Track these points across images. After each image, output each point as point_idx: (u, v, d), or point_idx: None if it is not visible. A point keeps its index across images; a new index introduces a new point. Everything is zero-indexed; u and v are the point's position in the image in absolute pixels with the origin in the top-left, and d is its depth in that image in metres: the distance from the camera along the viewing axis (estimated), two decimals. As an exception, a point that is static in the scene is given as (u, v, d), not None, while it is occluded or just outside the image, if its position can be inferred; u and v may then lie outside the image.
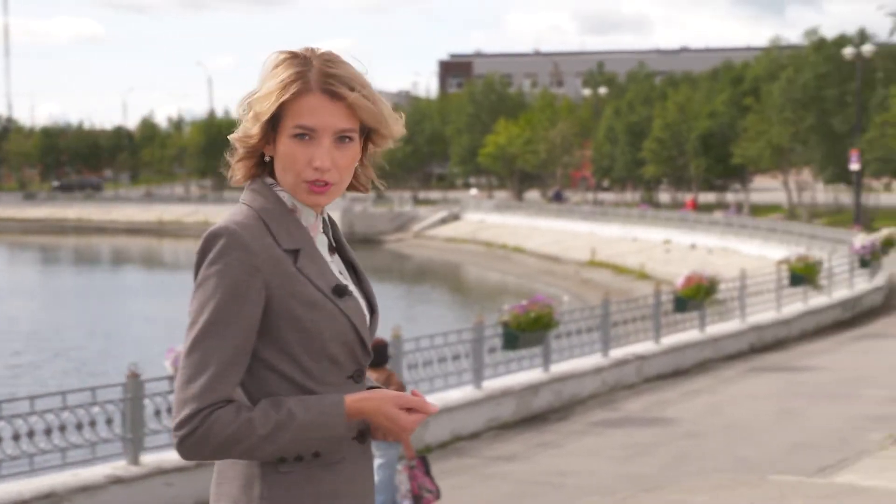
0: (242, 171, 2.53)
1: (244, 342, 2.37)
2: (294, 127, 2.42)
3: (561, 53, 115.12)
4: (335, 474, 2.45)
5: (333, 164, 2.44)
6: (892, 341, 19.15)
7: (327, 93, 2.42)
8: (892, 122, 42.34)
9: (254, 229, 2.42)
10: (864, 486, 8.56)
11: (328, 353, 2.44)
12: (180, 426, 2.33)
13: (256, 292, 2.38)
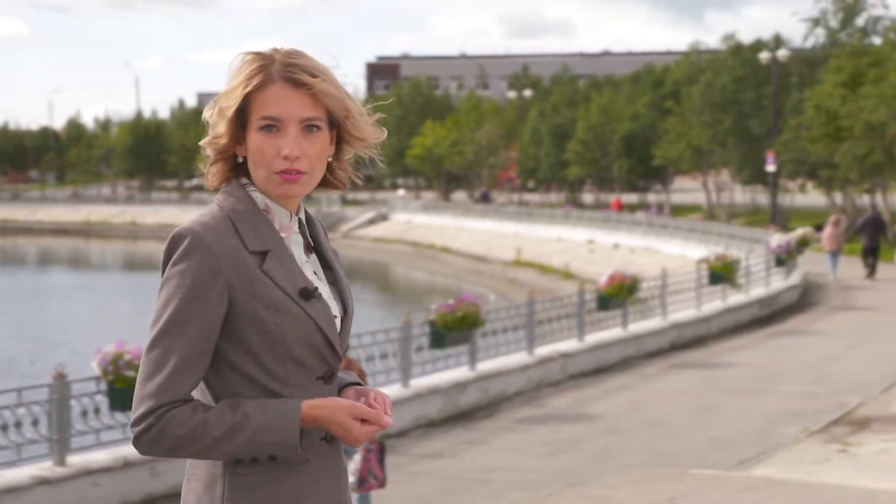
0: (217, 176, 2.51)
1: (204, 343, 2.36)
2: (260, 119, 2.42)
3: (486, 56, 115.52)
4: (299, 475, 2.43)
5: (302, 152, 2.43)
6: (807, 338, 19.45)
7: (289, 81, 2.42)
8: (807, 125, 43.01)
9: (220, 230, 2.40)
10: (780, 479, 8.69)
11: (293, 356, 2.42)
12: (137, 423, 2.33)
13: (218, 294, 2.37)
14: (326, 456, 2.47)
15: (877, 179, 41.45)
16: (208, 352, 2.37)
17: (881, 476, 8.84)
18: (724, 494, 7.99)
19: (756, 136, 51.81)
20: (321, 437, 2.46)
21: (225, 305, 2.38)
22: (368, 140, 2.57)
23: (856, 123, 37.87)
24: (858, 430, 11.37)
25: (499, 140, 72.36)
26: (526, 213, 54.39)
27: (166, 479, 9.66)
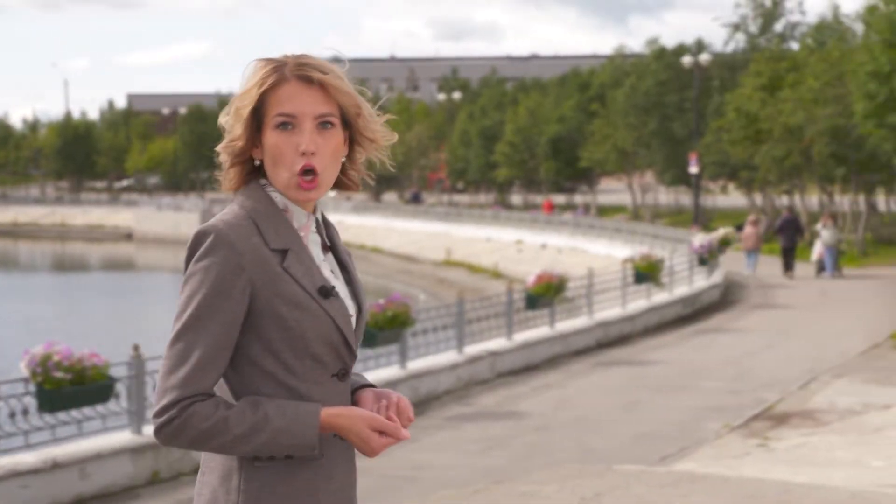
0: (235, 179, 2.54)
1: (225, 338, 2.39)
2: (275, 116, 2.46)
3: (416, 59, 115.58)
4: (312, 471, 2.45)
5: (318, 148, 2.46)
6: (729, 335, 19.71)
7: (302, 79, 2.47)
8: (727, 128, 43.57)
9: (242, 229, 2.43)
10: (702, 474, 8.80)
11: (311, 352, 2.44)
12: (159, 414, 2.36)
13: (240, 290, 2.40)
14: (340, 451, 2.51)
15: (795, 181, 42.12)
16: (230, 347, 2.41)
17: (798, 469, 8.99)
18: (647, 489, 8.08)
19: (679, 139, 52.40)
20: (334, 434, 2.48)
21: (247, 302, 2.41)
22: (379, 141, 2.61)
23: (774, 126, 38.44)
24: (777, 424, 11.55)
25: (428, 142, 72.49)
26: (456, 213, 54.52)
27: (95, 480, 9.55)
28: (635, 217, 56.06)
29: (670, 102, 53.30)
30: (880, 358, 16.40)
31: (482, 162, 67.91)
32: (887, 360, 16.19)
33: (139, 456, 9.94)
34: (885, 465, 9.03)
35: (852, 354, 16.66)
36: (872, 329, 19.43)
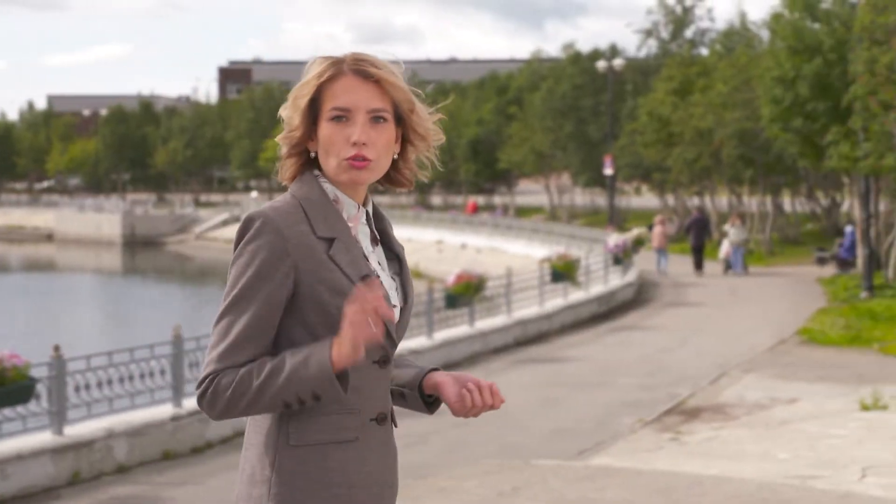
0: (291, 169, 2.60)
1: (267, 318, 2.43)
2: (331, 110, 2.50)
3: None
4: (345, 452, 2.48)
5: (369, 140, 2.50)
6: (643, 333, 19.93)
7: (359, 73, 2.51)
8: (641, 131, 44.07)
9: (290, 216, 2.48)
10: (618, 468, 8.89)
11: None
12: (198, 387, 2.44)
13: (283, 274, 2.44)
14: (375, 436, 2.53)
15: (705, 182, 42.73)
16: (271, 327, 2.44)
17: (709, 462, 9.12)
18: (564, 483, 8.14)
19: (594, 141, 52.87)
20: (371, 418, 2.51)
21: (290, 286, 2.44)
22: (430, 139, 2.62)
23: (685, 130, 38.96)
24: (689, 419, 11.70)
25: (350, 144, 72.16)
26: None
27: (15, 481, 9.37)
28: (552, 218, 56.46)
29: (585, 106, 53.75)
30: (787, 354, 16.71)
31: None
32: (793, 355, 16.49)
33: (60, 456, 9.78)
34: (790, 458, 9.20)
35: (760, 350, 16.94)
36: (779, 326, 19.79)
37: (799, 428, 10.65)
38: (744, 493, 7.70)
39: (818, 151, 28.59)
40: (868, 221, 25.09)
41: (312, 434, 2.46)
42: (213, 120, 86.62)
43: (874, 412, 11.21)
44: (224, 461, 10.75)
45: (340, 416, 2.47)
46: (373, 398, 2.53)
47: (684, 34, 54.44)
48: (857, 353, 16.57)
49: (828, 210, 41.07)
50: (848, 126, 25.83)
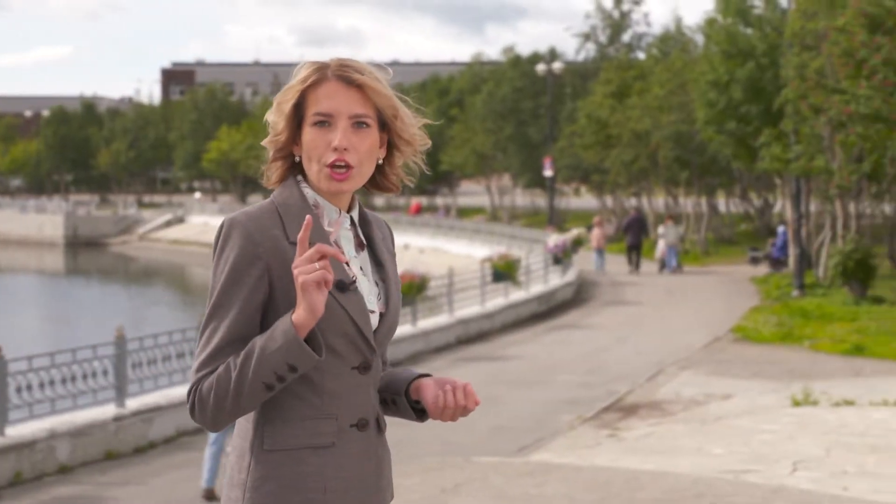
0: (276, 174, 2.57)
1: (244, 324, 2.41)
2: (313, 115, 2.47)
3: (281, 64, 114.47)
4: (321, 457, 2.44)
5: (351, 145, 2.46)
6: (582, 331, 20.05)
7: (342, 79, 2.48)
8: (580, 133, 44.32)
9: (264, 220, 2.46)
10: (557, 464, 8.94)
11: (326, 343, 2.42)
12: (187, 398, 2.44)
13: (256, 278, 2.42)
14: (356, 442, 2.49)
15: (642, 183, 43.07)
16: (250, 331, 2.41)
17: (646, 458, 9.20)
18: (505, 479, 8.17)
19: (534, 143, 53.08)
20: (351, 424, 2.48)
21: (265, 289, 2.43)
22: (416, 144, 2.60)
23: (623, 132, 39.24)
24: (627, 415, 11.80)
25: (293, 145, 71.86)
26: (319, 215, 54.22)
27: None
28: (493, 218, 56.60)
29: (526, 108, 53.94)
30: (721, 351, 16.89)
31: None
32: (727, 353, 16.68)
33: (1, 457, 9.64)
34: (724, 453, 9.30)
35: (696, 348, 17.12)
36: (714, 324, 20.00)
37: (733, 423, 10.77)
38: (679, 488, 7.77)
39: (751, 153, 28.94)
40: (799, 222, 25.44)
41: (287, 439, 2.43)
42: (156, 121, 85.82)
43: (805, 408, 11.37)
44: (167, 461, 10.67)
45: (316, 421, 2.44)
46: (352, 404, 2.49)
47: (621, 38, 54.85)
48: (789, 351, 16.80)
49: (761, 210, 41.56)
50: (780, 129, 26.18)
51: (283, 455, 2.43)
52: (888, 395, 11.75)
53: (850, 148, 21.97)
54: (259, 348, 2.35)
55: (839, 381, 13.63)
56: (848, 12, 19.46)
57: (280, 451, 2.43)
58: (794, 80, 23.60)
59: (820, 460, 8.75)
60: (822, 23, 22.85)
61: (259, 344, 2.36)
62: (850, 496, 7.46)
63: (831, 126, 21.89)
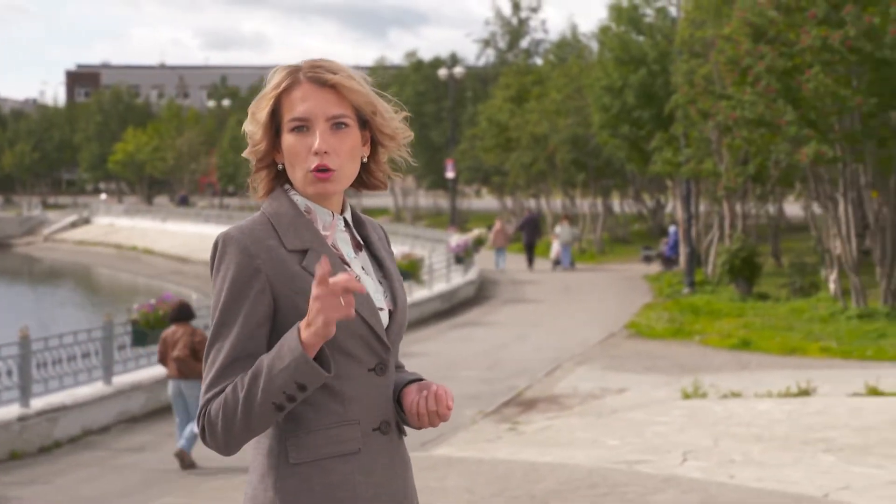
0: (263, 184, 2.46)
1: (250, 339, 2.30)
2: (290, 121, 2.37)
3: (186, 67, 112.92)
4: (349, 465, 2.32)
5: (331, 148, 2.36)
6: (484, 329, 20.15)
7: (315, 81, 2.38)
8: (480, 136, 44.54)
9: (258, 233, 2.36)
10: (459, 457, 8.97)
11: (340, 347, 2.31)
12: (197, 422, 2.32)
13: (258, 291, 2.32)
14: (380, 445, 2.37)
15: (541, 185, 43.43)
16: (256, 346, 2.31)
17: (544, 450, 9.28)
18: (408, 473, 8.16)
19: (437, 146, 53.19)
20: (374, 428, 2.36)
21: (268, 301, 2.32)
22: (398, 138, 2.48)
23: (522, 135, 39.53)
24: (526, 410, 11.88)
25: (199, 147, 71.07)
26: (227, 215, 53.68)
27: None
28: (397, 219, 56.58)
29: (428, 112, 54.03)
30: (615, 347, 17.12)
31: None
32: (621, 348, 16.90)
33: None
34: (619, 444, 9.42)
35: (592, 344, 17.31)
36: (609, 320, 20.26)
37: (627, 416, 10.92)
38: (576, 478, 7.86)
39: (644, 156, 29.38)
40: (689, 222, 25.90)
41: (312, 450, 2.31)
42: (61, 123, 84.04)
43: (695, 400, 11.57)
44: (72, 460, 10.46)
45: (340, 428, 2.33)
46: (373, 407, 2.37)
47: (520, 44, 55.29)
48: (680, 345, 17.10)
49: (653, 211, 42.22)
50: (670, 133, 26.63)
51: (310, 467, 2.31)
52: (772, 387, 12.03)
53: (736, 151, 22.43)
54: (267, 367, 2.23)
55: (727, 374, 13.91)
56: (733, 22, 19.86)
57: (307, 462, 2.31)
58: (684, 86, 24.02)
59: (708, 450, 8.91)
60: (710, 31, 23.29)
61: (266, 363, 2.24)
62: (736, 484, 7.61)
63: (719, 130, 22.32)
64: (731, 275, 22.97)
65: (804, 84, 17.88)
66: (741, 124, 19.43)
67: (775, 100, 18.59)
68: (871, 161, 19.36)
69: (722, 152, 23.55)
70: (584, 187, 39.82)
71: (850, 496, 7.09)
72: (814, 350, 16.04)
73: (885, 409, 10.28)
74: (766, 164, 22.20)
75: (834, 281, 20.53)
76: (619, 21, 31.09)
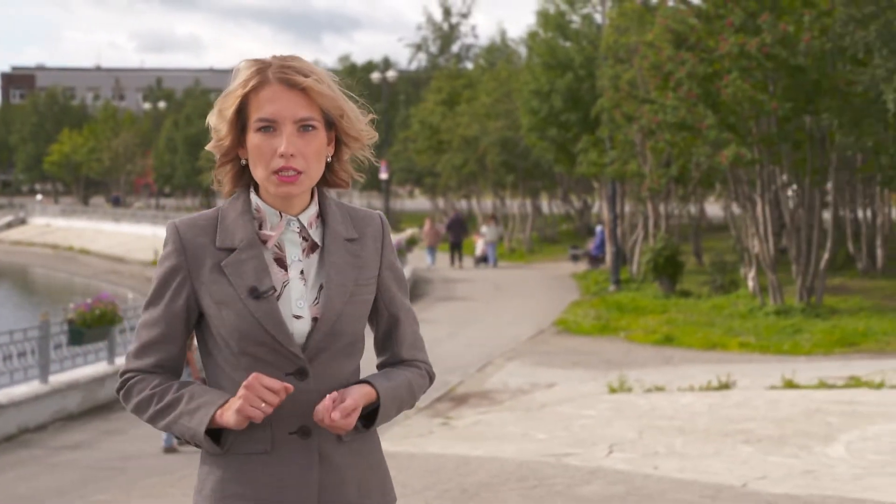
0: (227, 178, 2.42)
1: (166, 327, 2.36)
2: (256, 120, 2.31)
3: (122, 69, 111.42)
4: (253, 463, 2.32)
5: (298, 150, 2.30)
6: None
7: (284, 82, 2.31)
8: (413, 139, 44.54)
9: (197, 227, 2.36)
10: (392, 452, 8.93)
11: (244, 350, 2.30)
12: (117, 380, 2.42)
13: (177, 285, 2.35)
14: (296, 450, 2.33)
15: (472, 186, 43.54)
16: (172, 337, 2.37)
17: (476, 444, 9.30)
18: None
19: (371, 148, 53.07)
20: (291, 432, 2.32)
21: (185, 297, 2.35)
22: (363, 140, 2.44)
23: (453, 137, 39.60)
24: (458, 405, 11.90)
25: (135, 148, 70.23)
26: (163, 216, 53.06)
27: None
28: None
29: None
30: (545, 343, 17.21)
31: (188, 168, 66.42)
32: (550, 344, 17.01)
33: None
34: (548, 438, 9.48)
35: (522, 340, 17.39)
36: (538, 317, 20.36)
37: (556, 410, 10.98)
38: (506, 471, 7.89)
39: (571, 158, 29.58)
40: (615, 222, 26.13)
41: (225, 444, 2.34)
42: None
43: (620, 394, 11.67)
44: (8, 459, 10.27)
45: (251, 428, 2.30)
46: (289, 411, 2.30)
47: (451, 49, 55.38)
48: (606, 341, 17.24)
49: (580, 211, 42.53)
50: (596, 135, 26.85)
51: (219, 459, 2.34)
52: (694, 381, 12.17)
53: (659, 154, 22.68)
54: (179, 411, 2.30)
55: (651, 369, 14.06)
56: (655, 29, 20.07)
57: (221, 456, 2.34)
58: (609, 90, 24.24)
59: (633, 442, 9.00)
60: (633, 38, 23.53)
61: (181, 408, 2.30)
62: (659, 475, 7.69)
63: (642, 133, 22.55)
64: (655, 273, 23.22)
65: (723, 89, 18.14)
66: (664, 128, 19.65)
67: (696, 104, 18.83)
68: (786, 163, 19.70)
69: (646, 154, 23.80)
70: (514, 188, 40.00)
71: (767, 485, 7.20)
72: (733, 345, 16.27)
73: (800, 402, 10.46)
74: (687, 166, 22.47)
75: (752, 278, 20.85)
76: (546, 27, 31.27)
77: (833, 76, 18.44)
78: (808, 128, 19.21)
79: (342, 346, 2.39)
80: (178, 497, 7.32)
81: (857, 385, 11.39)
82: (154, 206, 69.95)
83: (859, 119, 18.27)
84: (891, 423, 9.16)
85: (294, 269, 2.36)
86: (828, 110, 18.33)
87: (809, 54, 18.11)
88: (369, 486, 2.44)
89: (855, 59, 18.45)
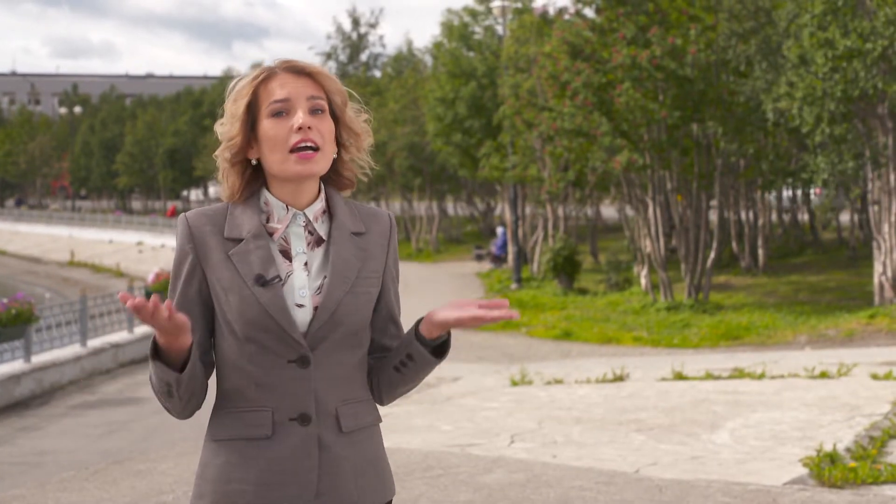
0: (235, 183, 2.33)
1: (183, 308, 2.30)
2: (270, 104, 2.27)
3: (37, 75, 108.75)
4: (254, 448, 2.27)
5: (314, 125, 2.27)
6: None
7: (291, 70, 2.31)
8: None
9: (208, 218, 2.32)
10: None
11: (249, 337, 2.25)
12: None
13: (189, 271, 2.31)
14: (296, 436, 2.27)
15: (380, 189, 43.47)
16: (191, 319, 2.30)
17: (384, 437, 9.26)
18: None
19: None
20: (291, 418, 2.27)
21: (199, 277, 2.31)
22: (362, 136, 2.41)
23: (363, 142, 39.51)
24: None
25: (51, 152, 68.64)
26: (79, 218, 51.90)
27: None
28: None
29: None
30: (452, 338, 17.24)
31: (103, 170, 65.19)
32: (455, 339, 16.98)
33: None
34: (452, 429, 9.49)
35: (428, 335, 17.40)
36: (444, 313, 20.39)
37: (460, 403, 11.01)
38: (412, 462, 7.88)
39: (474, 162, 29.72)
40: (517, 223, 26.32)
41: (226, 429, 2.30)
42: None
43: (521, 387, 11.75)
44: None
45: (250, 413, 2.28)
46: (290, 397, 2.27)
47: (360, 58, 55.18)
48: (508, 337, 17.34)
49: (484, 213, 42.75)
50: (498, 141, 27.02)
51: (223, 445, 2.30)
52: (591, 373, 12.31)
53: (557, 159, 22.92)
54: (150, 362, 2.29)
55: (550, 362, 14.17)
56: (553, 41, 20.27)
57: (221, 441, 2.30)
58: (510, 98, 24.41)
59: (534, 432, 9.06)
60: (533, 49, 23.73)
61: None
62: (557, 462, 7.76)
63: (542, 139, 22.76)
64: (555, 271, 23.45)
65: (617, 98, 18.39)
66: (562, 134, 19.86)
67: (591, 112, 19.06)
68: (675, 168, 20.05)
69: (545, 159, 24.01)
70: (421, 191, 40.05)
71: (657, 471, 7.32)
72: (627, 339, 16.49)
73: (688, 392, 10.65)
74: (584, 171, 22.76)
75: (645, 276, 21.18)
76: (450, 38, 31.38)
77: (717, 87, 18.84)
78: (695, 135, 19.59)
79: (343, 335, 2.33)
80: (94, 491, 7.16)
81: (740, 376, 11.64)
82: (70, 209, 68.36)
83: (741, 127, 18.70)
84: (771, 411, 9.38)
85: (298, 260, 2.33)
86: (713, 119, 18.72)
87: (696, 66, 18.47)
88: (367, 479, 2.38)
89: (737, 70, 18.87)
